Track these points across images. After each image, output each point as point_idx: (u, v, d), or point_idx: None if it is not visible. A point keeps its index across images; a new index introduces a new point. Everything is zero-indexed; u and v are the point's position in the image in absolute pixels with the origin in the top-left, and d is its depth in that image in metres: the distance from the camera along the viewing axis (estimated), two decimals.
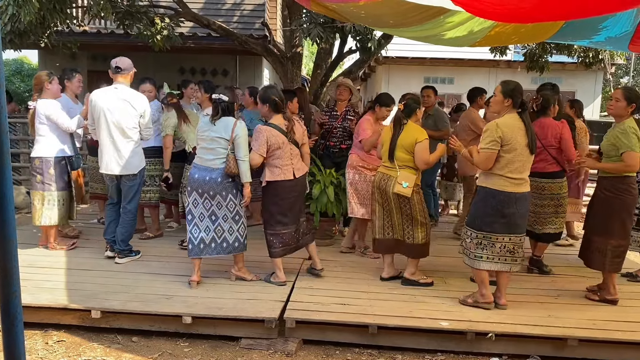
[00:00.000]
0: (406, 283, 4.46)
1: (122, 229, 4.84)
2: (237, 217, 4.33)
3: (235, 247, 4.36)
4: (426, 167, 4.37)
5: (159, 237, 5.78)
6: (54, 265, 4.74)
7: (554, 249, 5.58)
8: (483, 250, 3.90)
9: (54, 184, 5.00)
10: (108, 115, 4.65)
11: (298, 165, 4.39)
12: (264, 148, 4.19)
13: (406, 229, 4.42)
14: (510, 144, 3.73)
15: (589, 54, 8.33)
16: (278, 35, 12.22)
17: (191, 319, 3.78)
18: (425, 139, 4.30)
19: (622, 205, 4.12)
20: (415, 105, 4.44)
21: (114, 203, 4.92)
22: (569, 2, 2.69)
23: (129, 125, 4.70)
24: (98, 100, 4.68)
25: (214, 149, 4.20)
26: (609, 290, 4.23)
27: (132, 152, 4.74)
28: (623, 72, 22.96)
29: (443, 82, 15.49)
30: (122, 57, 4.79)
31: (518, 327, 3.70)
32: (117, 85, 4.74)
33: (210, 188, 4.21)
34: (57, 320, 3.94)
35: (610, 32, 4.11)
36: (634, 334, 3.65)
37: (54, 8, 5.74)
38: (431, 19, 4.16)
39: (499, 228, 3.84)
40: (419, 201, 4.35)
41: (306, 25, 6.57)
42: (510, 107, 3.84)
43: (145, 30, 7.26)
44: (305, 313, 3.85)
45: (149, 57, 10.50)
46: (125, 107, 4.67)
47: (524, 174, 3.82)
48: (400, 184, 4.28)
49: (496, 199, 3.81)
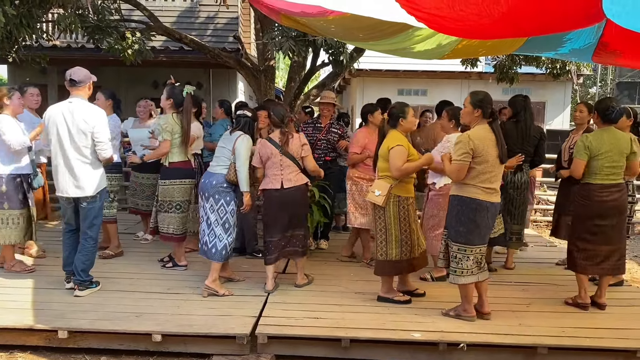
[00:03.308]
0: (381, 300, 4.37)
1: (83, 257, 4.40)
2: (226, 225, 4.47)
3: (222, 255, 4.46)
4: (398, 173, 4.16)
5: (119, 255, 5.58)
6: (20, 285, 4.62)
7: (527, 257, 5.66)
8: (459, 264, 3.89)
9: (6, 202, 4.77)
10: (62, 132, 4.28)
11: (289, 176, 4.51)
12: (256, 158, 4.58)
13: (380, 244, 4.28)
14: (482, 155, 3.77)
15: (557, 65, 8.52)
16: (252, 49, 12.24)
17: (161, 336, 3.71)
18: (397, 144, 4.17)
19: (582, 211, 4.28)
20: (399, 114, 4.32)
21: (72, 230, 4.51)
22: (526, 20, 2.75)
23: (83, 143, 4.30)
24: (51, 116, 4.33)
25: (219, 157, 4.55)
26: (579, 294, 4.36)
27: (88, 172, 4.35)
28: (591, 82, 23.55)
29: (416, 93, 15.70)
30: (79, 68, 4.43)
31: (489, 337, 3.73)
32: (72, 99, 4.36)
33: (206, 190, 4.48)
34: (22, 341, 3.84)
35: (574, 44, 4.21)
36: (602, 340, 3.71)
37: (20, 23, 5.63)
38: (400, 32, 4.21)
39: (473, 239, 3.86)
40: (395, 213, 4.22)
41: (278, 39, 6.57)
42: (480, 118, 3.88)
43: (116, 44, 7.20)
44: (277, 328, 3.82)
45: (121, 71, 10.42)
46: (79, 123, 4.28)
47: (495, 184, 3.86)
48: (373, 192, 4.22)
49: (469, 207, 3.83)
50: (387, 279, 4.40)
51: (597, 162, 4.17)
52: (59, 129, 4.30)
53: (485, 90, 4.02)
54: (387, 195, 4.18)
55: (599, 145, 4.16)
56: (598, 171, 4.19)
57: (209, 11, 11.88)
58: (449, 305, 4.16)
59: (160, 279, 4.87)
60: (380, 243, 4.29)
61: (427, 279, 4.93)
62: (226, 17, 11.86)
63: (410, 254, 4.30)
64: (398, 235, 4.24)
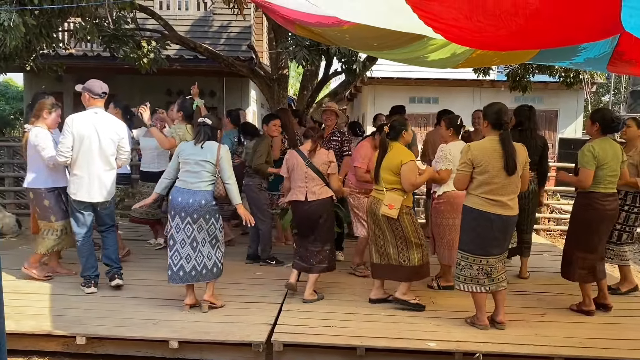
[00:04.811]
0: (397, 302, 4.43)
1: (112, 246, 4.76)
2: (214, 241, 4.26)
3: (213, 273, 4.27)
4: (413, 188, 4.36)
5: (127, 255, 5.71)
6: (38, 291, 4.68)
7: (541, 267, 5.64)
8: (461, 271, 3.97)
9: (53, 215, 4.84)
10: (92, 142, 4.51)
11: (314, 189, 4.52)
12: (284, 168, 4.71)
13: (401, 251, 4.35)
14: (482, 166, 3.81)
15: (570, 74, 8.52)
16: (264, 58, 12.33)
17: (178, 343, 3.74)
18: (410, 160, 4.29)
19: (585, 219, 4.32)
20: (401, 127, 4.43)
21: (87, 234, 4.69)
22: (544, 32, 2.76)
23: (111, 151, 4.61)
24: (80, 127, 4.50)
25: (199, 172, 4.20)
26: (584, 301, 4.40)
27: (112, 179, 4.68)
28: (604, 90, 23.40)
29: (428, 101, 15.68)
30: (98, 81, 4.65)
31: (505, 347, 3.71)
32: (96, 109, 4.60)
33: (194, 211, 4.15)
34: (40, 347, 3.89)
35: (589, 53, 4.21)
36: (619, 351, 3.68)
37: (40, 33, 5.73)
38: (414, 41, 4.23)
39: (475, 249, 3.89)
40: (410, 222, 4.30)
41: (292, 48, 6.65)
42: (491, 129, 3.91)
43: (132, 53, 7.30)
44: (292, 336, 3.83)
45: (135, 79, 10.52)
46: (110, 134, 4.59)
47: (504, 196, 3.81)
48: (386, 206, 4.27)
49: (470, 215, 3.91)
50: (408, 283, 4.44)
51: (601, 172, 4.23)
52: (90, 139, 4.50)
53: (500, 102, 4.02)
54: (400, 208, 4.25)
55: (604, 155, 4.23)
56: (602, 180, 4.25)
57: (223, 20, 11.98)
58: (464, 315, 4.17)
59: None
60: (401, 250, 4.34)
61: (433, 287, 4.95)
62: (239, 26, 11.96)
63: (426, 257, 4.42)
64: (418, 242, 4.33)
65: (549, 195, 8.84)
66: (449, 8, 2.73)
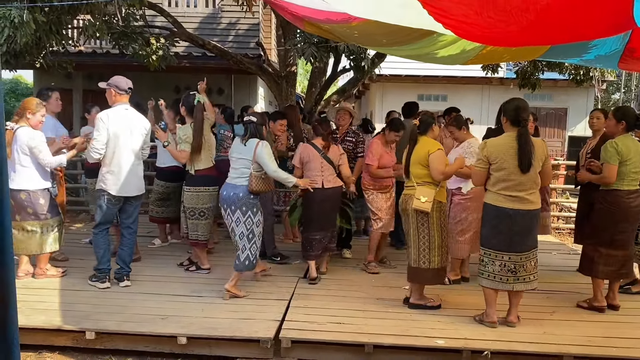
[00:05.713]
0: (413, 307, 4.35)
1: (128, 249, 4.83)
2: (250, 236, 4.46)
3: (245, 265, 4.47)
4: (443, 177, 4.19)
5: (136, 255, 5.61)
6: (47, 286, 4.72)
7: (550, 265, 5.61)
8: (485, 267, 3.95)
9: (49, 213, 4.86)
10: (126, 137, 4.64)
11: (329, 178, 4.98)
12: (296, 159, 5.08)
13: (422, 252, 4.25)
14: (497, 163, 3.80)
15: (580, 71, 8.45)
16: (273, 55, 12.33)
17: (186, 339, 3.76)
18: (438, 149, 4.20)
19: (610, 217, 4.26)
20: (431, 120, 4.37)
21: (107, 229, 4.77)
22: (555, 28, 2.74)
23: (140, 145, 4.77)
24: (116, 123, 4.59)
25: (238, 168, 4.51)
26: (596, 297, 4.38)
27: (142, 172, 4.84)
28: (614, 88, 23.21)
29: (437, 99, 15.63)
30: (123, 77, 4.74)
31: (513, 345, 3.70)
32: (126, 106, 4.72)
33: (232, 203, 4.43)
34: (50, 341, 3.91)
35: (600, 50, 4.18)
36: (629, 350, 3.65)
37: (50, 30, 5.76)
38: (424, 37, 4.22)
39: (497, 244, 3.88)
40: (437, 219, 4.22)
41: (300, 45, 6.64)
42: (509, 126, 3.86)
43: (141, 50, 7.31)
44: (300, 332, 3.84)
45: (144, 76, 10.52)
46: (140, 129, 4.75)
47: (522, 192, 3.78)
48: (418, 199, 4.16)
49: (491, 213, 3.90)
50: (419, 286, 4.39)
51: (625, 168, 4.20)
52: (125, 135, 4.65)
53: (520, 98, 3.95)
54: (433, 202, 4.17)
55: (627, 151, 4.19)
56: (625, 177, 4.22)
57: (231, 17, 11.98)
58: (472, 313, 4.16)
59: (183, 282, 4.92)
60: (422, 251, 4.25)
61: (444, 282, 4.92)
62: (248, 23, 11.95)
63: (445, 261, 4.38)
64: (440, 243, 4.26)
65: (558, 193, 8.77)
66: (459, 4, 2.72)
